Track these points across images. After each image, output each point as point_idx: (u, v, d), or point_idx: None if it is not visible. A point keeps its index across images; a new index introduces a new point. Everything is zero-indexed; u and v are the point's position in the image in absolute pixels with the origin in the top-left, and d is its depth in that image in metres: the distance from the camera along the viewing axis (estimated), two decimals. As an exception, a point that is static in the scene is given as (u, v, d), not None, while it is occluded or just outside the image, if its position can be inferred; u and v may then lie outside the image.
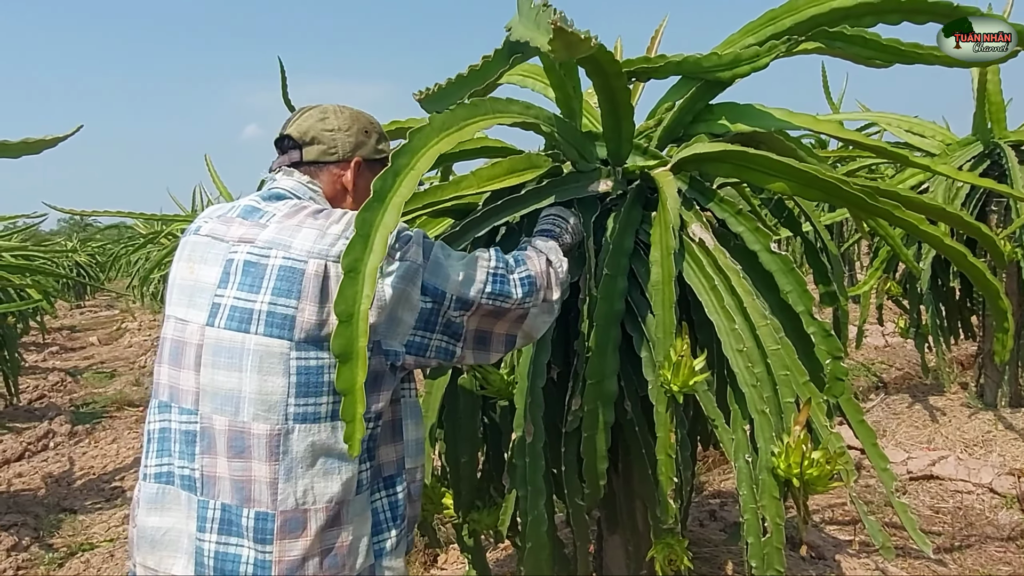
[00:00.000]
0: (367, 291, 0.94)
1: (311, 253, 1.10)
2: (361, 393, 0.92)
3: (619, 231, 1.52)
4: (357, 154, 1.29)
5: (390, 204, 1.01)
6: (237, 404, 1.07)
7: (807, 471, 1.28)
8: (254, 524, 1.06)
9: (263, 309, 1.08)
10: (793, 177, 1.42)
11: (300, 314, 1.07)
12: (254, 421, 1.07)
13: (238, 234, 1.14)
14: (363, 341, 0.93)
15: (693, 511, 2.94)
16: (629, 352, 1.54)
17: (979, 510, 3.06)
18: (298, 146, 1.27)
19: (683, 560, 1.50)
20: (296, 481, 1.07)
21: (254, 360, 1.07)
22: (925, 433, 3.82)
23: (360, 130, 1.30)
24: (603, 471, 1.48)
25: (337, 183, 1.28)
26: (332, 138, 1.27)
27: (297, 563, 1.06)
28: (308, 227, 1.12)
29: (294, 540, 1.06)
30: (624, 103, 1.47)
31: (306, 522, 1.07)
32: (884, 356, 5.36)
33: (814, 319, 1.46)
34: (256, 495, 1.06)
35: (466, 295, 1.18)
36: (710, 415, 1.48)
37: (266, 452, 1.06)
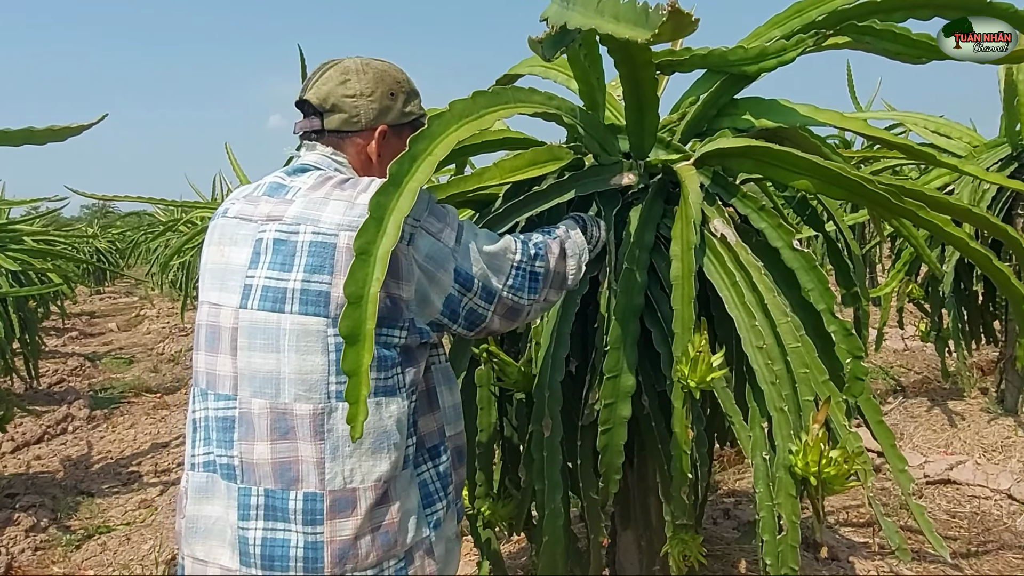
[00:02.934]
0: (378, 274, 0.93)
1: (340, 226, 1.07)
2: (366, 376, 0.91)
3: (640, 225, 1.51)
4: (381, 122, 1.22)
5: (406, 189, 1.00)
6: (277, 386, 1.05)
7: (824, 470, 1.27)
8: (303, 506, 1.04)
9: (297, 287, 1.05)
10: (817, 174, 1.40)
11: (334, 289, 1.05)
12: (296, 402, 1.05)
13: (265, 212, 1.12)
14: (371, 324, 0.92)
15: (707, 509, 2.93)
16: (648, 347, 1.53)
17: (997, 516, 3.03)
18: (318, 113, 1.21)
19: (697, 556, 1.50)
20: (343, 460, 1.05)
21: (291, 340, 1.05)
22: (943, 437, 3.77)
23: (385, 93, 1.22)
24: (619, 466, 1.48)
25: (362, 153, 1.23)
26: (354, 105, 1.20)
27: (349, 543, 1.04)
28: (335, 199, 1.09)
29: (344, 520, 1.05)
30: (650, 95, 1.46)
31: (356, 501, 1.05)
32: (903, 360, 5.30)
33: (835, 317, 1.44)
34: (303, 476, 1.04)
35: (491, 286, 1.19)
36: (728, 412, 1.47)
37: (310, 432, 1.05)
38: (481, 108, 1.22)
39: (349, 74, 1.20)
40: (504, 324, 1.26)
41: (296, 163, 1.22)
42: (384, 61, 1.26)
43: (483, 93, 1.26)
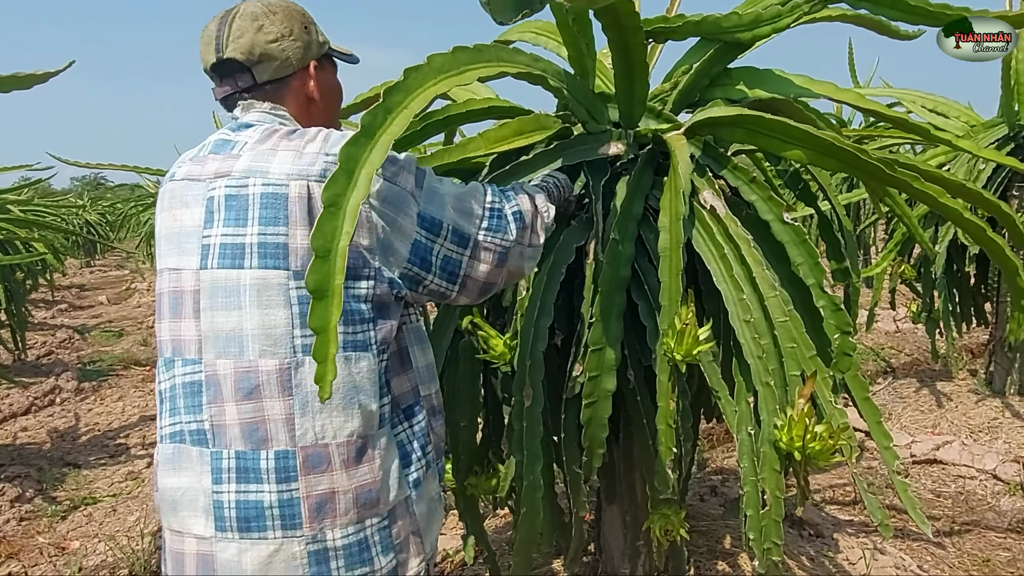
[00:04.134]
0: (347, 227, 0.88)
1: (290, 175, 1.04)
2: (335, 333, 0.87)
3: (628, 196, 1.48)
4: (309, 58, 1.19)
5: (379, 141, 0.95)
6: (241, 343, 1.03)
7: (809, 444, 1.25)
8: (274, 464, 1.03)
9: (254, 241, 1.03)
10: (810, 145, 1.37)
11: (292, 240, 1.03)
12: (261, 358, 1.03)
13: (213, 170, 1.09)
14: (339, 279, 0.88)
15: (694, 486, 2.93)
16: (634, 320, 1.51)
17: (981, 496, 3.04)
18: (245, 68, 1.14)
19: (679, 531, 1.49)
20: (314, 416, 1.03)
21: (252, 295, 1.03)
22: (931, 418, 3.79)
23: (301, 29, 1.18)
24: (602, 440, 1.46)
25: (300, 97, 1.19)
26: (281, 49, 1.15)
27: (327, 497, 1.03)
28: (284, 149, 1.07)
29: (319, 475, 1.03)
30: (639, 62, 1.42)
31: (329, 457, 1.04)
32: (894, 341, 5.31)
33: (824, 292, 1.42)
34: (272, 434, 1.03)
35: (464, 230, 1.14)
36: (714, 386, 1.46)
37: (278, 388, 1.03)
38: (462, 64, 1.17)
39: (260, 19, 1.14)
40: (492, 273, 1.20)
41: (239, 121, 1.17)
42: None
43: (464, 49, 1.21)
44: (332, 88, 1.24)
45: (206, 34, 1.16)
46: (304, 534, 1.03)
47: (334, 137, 1.09)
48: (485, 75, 1.20)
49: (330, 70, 1.24)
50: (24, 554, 2.80)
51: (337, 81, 1.27)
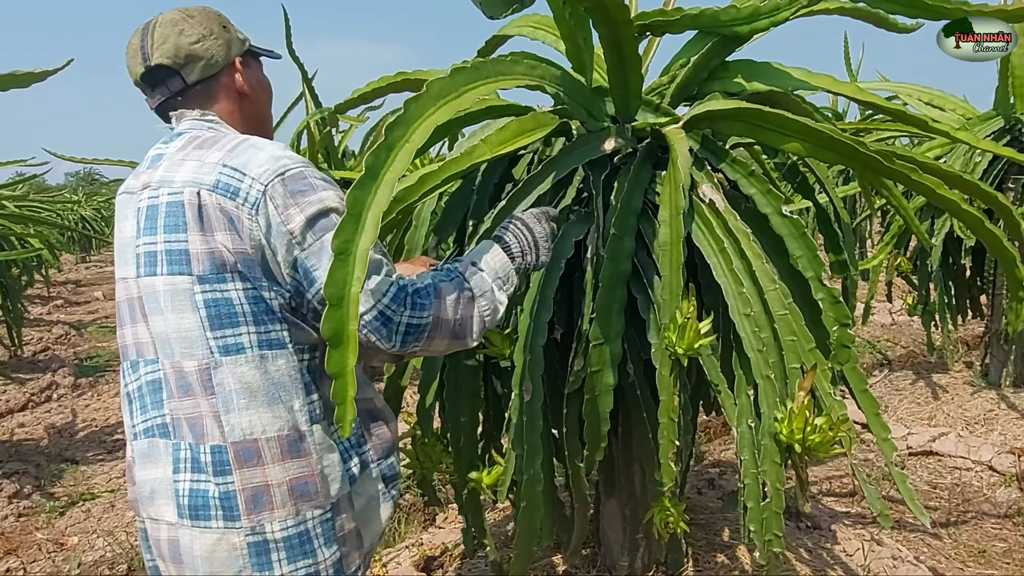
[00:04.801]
0: (358, 273, 0.90)
1: (187, 182, 1.08)
2: (352, 376, 0.91)
3: (628, 190, 1.48)
4: (233, 55, 1.22)
5: (383, 181, 0.96)
6: (170, 345, 1.09)
7: (809, 437, 1.26)
8: (212, 458, 1.08)
9: (163, 248, 1.09)
10: (808, 137, 1.37)
11: (191, 246, 1.07)
12: (184, 360, 1.08)
13: (141, 182, 1.15)
14: (354, 325, 0.90)
15: (692, 479, 2.94)
16: (633, 314, 1.51)
17: (977, 487, 3.06)
18: (175, 72, 1.18)
19: (679, 523, 1.50)
20: (239, 412, 1.07)
21: (167, 300, 1.08)
22: (927, 410, 3.81)
23: (220, 28, 1.21)
24: (604, 434, 1.47)
25: (232, 92, 1.22)
26: (205, 48, 1.18)
27: (262, 490, 1.07)
28: (191, 159, 1.11)
29: (252, 468, 1.07)
30: (632, 55, 1.41)
31: (259, 451, 1.08)
32: (890, 334, 5.33)
33: (823, 285, 1.43)
34: (208, 430, 1.08)
35: None
36: (713, 380, 1.46)
37: (201, 388, 1.08)
38: (460, 86, 1.18)
39: (180, 24, 1.18)
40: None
41: (172, 132, 1.21)
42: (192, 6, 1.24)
43: (462, 69, 1.21)
44: (261, 82, 1.28)
45: (131, 48, 1.19)
46: (243, 526, 1.07)
47: (240, 148, 1.10)
48: (484, 93, 1.21)
49: (255, 66, 1.28)
50: (23, 550, 2.80)
51: (264, 76, 1.30)
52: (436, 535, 2.77)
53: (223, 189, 1.07)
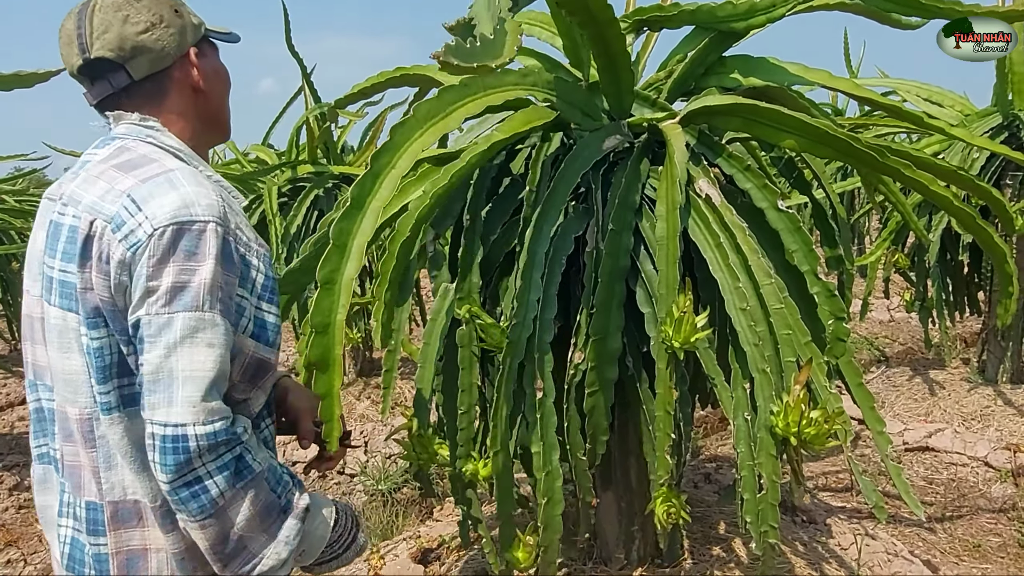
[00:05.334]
0: (343, 301, 0.93)
1: (89, 208, 0.93)
2: (338, 397, 0.95)
3: (625, 186, 1.49)
4: (187, 44, 1.04)
5: (368, 210, 0.98)
6: (59, 384, 0.97)
7: (805, 429, 1.27)
8: (85, 514, 0.96)
9: (57, 277, 0.94)
10: (804, 133, 1.38)
11: (78, 282, 0.92)
12: (66, 404, 0.96)
13: (62, 191, 0.99)
14: (338, 350, 0.95)
15: (689, 473, 2.96)
16: (631, 308, 1.52)
17: (972, 483, 3.08)
18: (120, 67, 1.00)
19: (681, 513, 1.51)
20: (119, 470, 0.94)
21: (53, 335, 0.95)
22: (923, 406, 3.82)
23: (171, 12, 1.03)
24: (606, 427, 1.48)
25: (185, 89, 1.05)
26: (155, 39, 1.00)
27: (138, 555, 0.95)
28: (103, 179, 0.96)
29: (130, 531, 0.95)
30: (620, 52, 1.42)
31: (141, 513, 0.95)
32: (888, 331, 5.34)
33: (819, 279, 1.44)
34: (85, 483, 0.96)
35: (144, 368, 0.90)
36: (710, 373, 1.47)
37: (82, 438, 0.95)
38: (447, 106, 1.19)
39: (124, 8, 1.00)
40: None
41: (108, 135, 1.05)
42: None
43: (449, 89, 1.22)
44: (218, 73, 1.10)
45: (64, 33, 1.01)
46: None
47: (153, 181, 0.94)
48: (472, 112, 1.21)
49: (211, 54, 1.10)
50: (23, 541, 2.82)
51: (221, 64, 1.12)
52: (433, 528, 2.78)
53: (115, 223, 0.91)
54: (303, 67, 3.86)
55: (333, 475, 3.37)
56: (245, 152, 4.69)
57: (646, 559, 2.09)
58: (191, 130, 1.06)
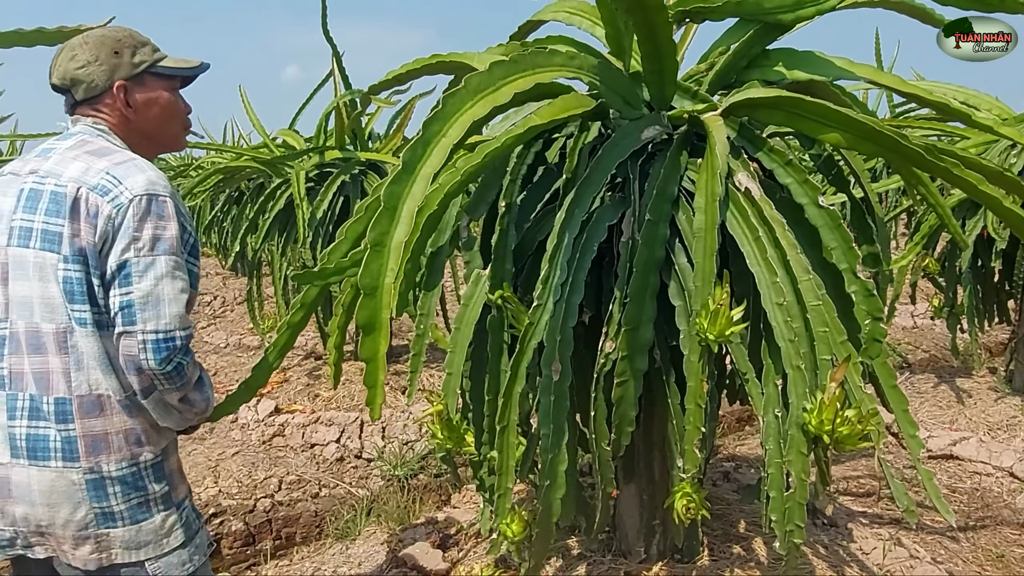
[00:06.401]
0: (392, 264, 0.94)
1: (74, 180, 1.27)
2: (383, 361, 0.96)
3: (664, 177, 1.48)
4: (116, 78, 1.36)
5: (419, 175, 0.98)
6: (31, 309, 1.27)
7: (838, 428, 1.26)
8: (54, 408, 1.26)
9: (39, 228, 1.27)
10: (849, 128, 1.36)
11: (66, 231, 1.26)
12: (43, 322, 1.27)
13: (29, 168, 1.32)
14: (386, 313, 0.95)
15: (708, 472, 2.95)
16: (662, 301, 1.51)
17: (997, 493, 3.03)
18: (67, 90, 1.38)
19: (700, 509, 1.50)
20: (87, 371, 1.26)
21: (35, 271, 1.27)
22: (949, 414, 3.77)
23: (109, 54, 1.36)
24: (632, 418, 1.47)
25: (115, 111, 1.38)
26: (87, 74, 1.35)
27: (100, 437, 1.28)
28: (79, 160, 1.30)
29: (93, 419, 1.27)
30: (667, 40, 1.40)
31: (102, 405, 1.28)
32: (911, 337, 5.27)
33: (857, 278, 1.42)
34: (54, 384, 1.26)
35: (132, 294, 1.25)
36: (741, 368, 1.46)
37: (56, 347, 1.26)
38: (498, 80, 1.19)
39: (75, 49, 1.36)
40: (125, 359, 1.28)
41: (66, 132, 1.39)
42: (105, 27, 1.43)
43: (500, 63, 1.21)
44: (156, 101, 1.41)
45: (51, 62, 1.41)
46: (81, 466, 1.27)
47: (126, 165, 1.29)
48: (521, 88, 1.21)
49: (153, 86, 1.40)
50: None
51: (161, 95, 1.42)
52: (451, 514, 2.79)
53: (100, 190, 1.26)
54: (336, 53, 3.86)
55: (350, 459, 3.39)
56: (273, 137, 4.72)
57: (665, 554, 2.09)
58: (126, 139, 1.40)
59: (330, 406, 3.84)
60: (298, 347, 4.63)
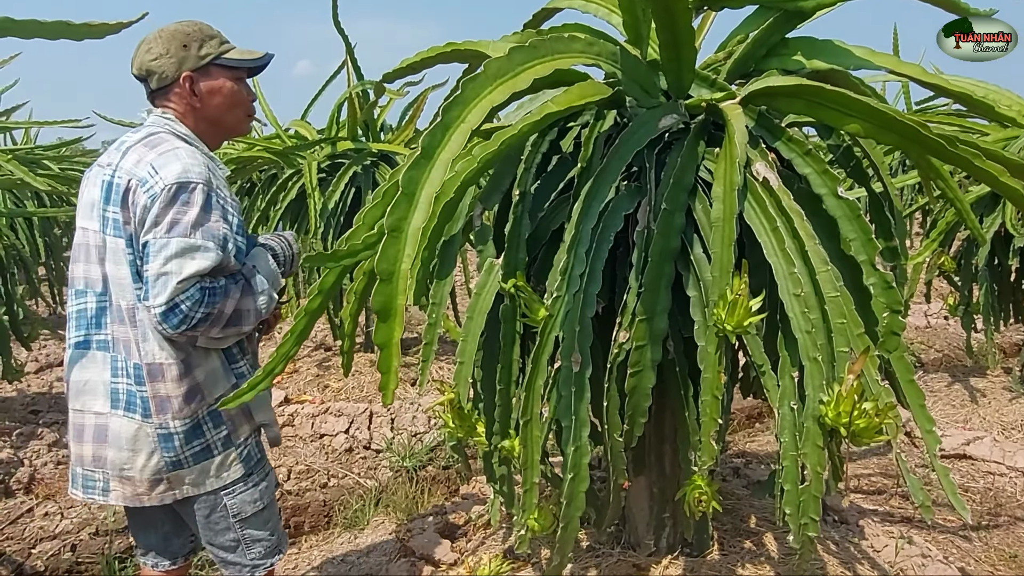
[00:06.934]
0: (409, 250, 0.93)
1: (126, 171, 1.44)
2: (397, 348, 0.96)
3: (681, 166, 1.46)
4: (183, 70, 1.52)
5: (437, 161, 0.98)
6: (111, 287, 1.48)
7: (855, 421, 1.24)
8: (134, 372, 1.48)
9: (110, 216, 1.46)
10: (870, 118, 1.34)
11: (121, 217, 1.44)
12: (117, 299, 1.47)
13: (107, 161, 1.49)
14: (402, 299, 0.94)
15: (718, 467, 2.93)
16: (676, 292, 1.50)
17: (1010, 492, 3.00)
18: (144, 80, 1.54)
19: (712, 502, 1.49)
20: (149, 343, 1.45)
21: (110, 254, 1.46)
22: (962, 413, 3.73)
23: (178, 47, 1.51)
24: (645, 409, 1.46)
25: (183, 99, 1.54)
26: (159, 65, 1.51)
27: (164, 399, 1.47)
28: (134, 152, 1.46)
29: (157, 383, 1.47)
30: (685, 27, 1.38)
31: (163, 372, 1.47)
32: (924, 336, 5.22)
33: (876, 270, 1.40)
34: (133, 351, 1.47)
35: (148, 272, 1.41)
36: (757, 360, 1.45)
37: (129, 321, 1.46)
38: (517, 66, 1.18)
39: (150, 43, 1.52)
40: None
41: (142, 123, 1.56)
42: (178, 22, 1.55)
43: (519, 48, 1.20)
44: (213, 92, 1.56)
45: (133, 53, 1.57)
46: (154, 422, 1.48)
47: (167, 155, 1.44)
48: (540, 74, 1.20)
49: (218, 76, 1.56)
50: (60, 496, 2.88)
51: (225, 84, 1.57)
52: (460, 505, 2.79)
53: (142, 181, 1.42)
54: (348, 45, 3.86)
55: (359, 449, 3.40)
56: (286, 128, 4.72)
57: (675, 547, 2.08)
58: (194, 126, 1.56)
59: (339, 397, 3.85)
60: (308, 338, 4.64)
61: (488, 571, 2.06)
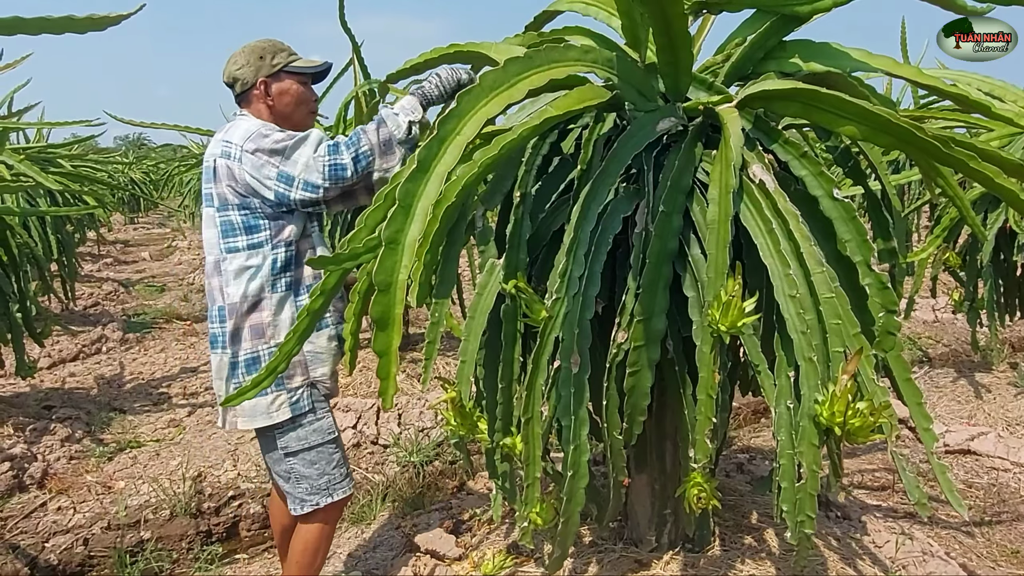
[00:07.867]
0: (405, 261, 0.96)
1: (211, 154, 1.84)
2: (395, 355, 1.00)
3: (678, 168, 1.48)
4: (260, 76, 1.88)
5: (433, 174, 1.01)
6: (208, 247, 1.86)
7: (850, 420, 1.26)
8: (217, 313, 1.85)
9: (205, 192, 1.86)
10: (866, 120, 1.35)
11: (213, 190, 1.83)
12: (208, 255, 1.85)
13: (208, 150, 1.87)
14: (399, 309, 0.98)
15: (721, 463, 2.95)
16: (676, 291, 1.52)
17: (1014, 488, 3.01)
18: (230, 86, 1.92)
19: (711, 499, 1.51)
20: (231, 286, 1.81)
21: (207, 220, 1.86)
22: (967, 409, 3.74)
23: (256, 58, 1.88)
24: (644, 408, 1.48)
25: (260, 101, 1.90)
26: (242, 74, 1.88)
27: (235, 332, 1.82)
28: (218, 137, 1.85)
29: (233, 319, 1.81)
30: (681, 32, 1.40)
31: (235, 310, 1.81)
32: (932, 331, 5.21)
33: (871, 270, 1.42)
34: (216, 297, 1.84)
35: (312, 180, 1.76)
36: (754, 360, 1.47)
37: (215, 271, 1.84)
38: (512, 76, 1.20)
39: (235, 56, 1.90)
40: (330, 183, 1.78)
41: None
42: (258, 39, 1.93)
43: (515, 60, 1.22)
44: (287, 92, 1.91)
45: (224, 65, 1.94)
46: (228, 351, 1.83)
47: (234, 126, 1.84)
48: (535, 85, 1.22)
49: (286, 81, 1.91)
50: (73, 491, 2.94)
51: (292, 86, 1.91)
52: (465, 500, 2.83)
53: (224, 155, 1.79)
54: (355, 43, 3.88)
55: (367, 444, 3.44)
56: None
57: (676, 543, 2.10)
58: (269, 120, 1.89)
59: (347, 393, 3.89)
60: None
61: (492, 566, 2.10)
